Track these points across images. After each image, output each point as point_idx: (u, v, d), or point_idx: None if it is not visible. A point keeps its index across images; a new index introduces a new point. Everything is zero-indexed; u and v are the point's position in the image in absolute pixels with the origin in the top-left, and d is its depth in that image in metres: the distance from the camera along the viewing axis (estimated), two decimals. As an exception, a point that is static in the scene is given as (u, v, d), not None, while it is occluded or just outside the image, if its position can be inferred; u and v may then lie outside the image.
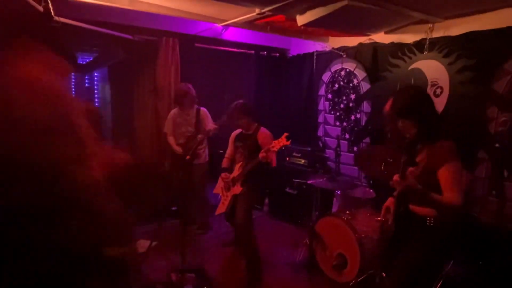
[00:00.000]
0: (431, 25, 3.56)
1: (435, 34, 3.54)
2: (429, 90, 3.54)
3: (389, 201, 2.22)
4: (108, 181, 0.98)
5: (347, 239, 2.78)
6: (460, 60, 3.29)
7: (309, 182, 3.24)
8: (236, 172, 3.22)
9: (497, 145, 1.66)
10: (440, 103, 3.42)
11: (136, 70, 4.70)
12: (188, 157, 3.17)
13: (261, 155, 2.98)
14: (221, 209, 3.30)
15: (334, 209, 3.66)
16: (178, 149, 4.01)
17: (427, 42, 3.57)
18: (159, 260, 3.33)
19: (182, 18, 3.90)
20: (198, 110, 4.06)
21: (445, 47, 3.40)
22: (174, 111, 4.14)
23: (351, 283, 2.79)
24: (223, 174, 3.37)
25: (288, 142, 2.94)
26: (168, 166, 4.37)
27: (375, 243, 2.68)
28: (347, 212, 3.04)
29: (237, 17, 3.62)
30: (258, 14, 3.29)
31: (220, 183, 3.42)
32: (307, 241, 3.27)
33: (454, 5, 3.14)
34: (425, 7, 3.20)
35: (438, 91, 3.48)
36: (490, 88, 3.04)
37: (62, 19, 3.01)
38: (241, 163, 3.24)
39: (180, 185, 3.91)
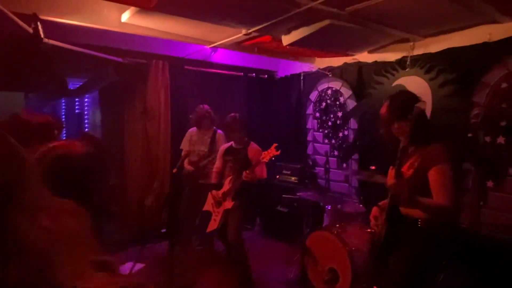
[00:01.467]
0: (412, 43, 3.71)
1: (416, 52, 3.68)
2: (413, 105, 3.63)
3: (375, 211, 2.23)
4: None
5: (338, 252, 2.76)
6: (441, 75, 3.41)
7: (298, 194, 3.24)
8: (226, 186, 3.21)
9: (470, 134, 1.69)
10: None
11: (127, 93, 4.75)
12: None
13: (244, 175, 2.99)
14: (213, 226, 3.26)
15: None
16: (189, 167, 4.05)
17: (409, 60, 3.70)
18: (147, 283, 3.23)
19: (172, 41, 4.01)
20: (215, 132, 4.12)
21: (426, 63, 3.53)
22: (192, 129, 4.22)
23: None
24: (213, 192, 3.35)
25: (278, 152, 2.97)
26: (157, 186, 4.35)
27: (366, 255, 2.66)
28: (337, 225, 3.03)
29: (225, 39, 3.73)
30: (244, 34, 3.40)
31: (210, 200, 3.39)
32: (299, 257, 3.23)
33: (432, 24, 3.29)
34: (406, 25, 3.34)
35: (422, 105, 3.56)
36: (471, 101, 3.14)
37: (51, 41, 3.06)
38: (230, 177, 3.24)
39: (185, 202, 4.00)
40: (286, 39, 3.43)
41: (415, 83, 3.61)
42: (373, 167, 2.99)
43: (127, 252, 3.72)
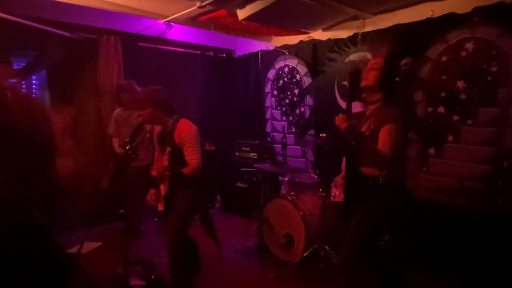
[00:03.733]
0: (362, 21, 3.85)
1: (366, 29, 3.83)
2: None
3: (337, 181, 2.39)
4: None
5: (293, 218, 2.88)
6: (389, 51, 3.57)
7: (256, 166, 3.30)
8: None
9: (397, 79, 1.83)
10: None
11: (76, 71, 4.53)
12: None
13: (152, 173, 2.54)
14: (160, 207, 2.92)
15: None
16: (121, 151, 3.72)
17: (360, 36, 3.85)
18: (105, 259, 3.19)
19: (124, 15, 3.86)
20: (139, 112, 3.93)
21: (375, 40, 3.69)
22: (117, 111, 3.97)
23: (298, 259, 2.89)
24: (151, 190, 2.75)
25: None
26: (112, 167, 4.23)
27: (318, 219, 2.79)
28: (292, 193, 3.14)
29: (179, 12, 3.65)
30: (199, 7, 3.36)
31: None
32: (256, 227, 3.33)
33: (381, 1, 3.44)
34: (356, 3, 3.46)
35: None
36: (415, 75, 3.34)
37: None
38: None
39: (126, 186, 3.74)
40: (241, 13, 3.43)
41: (365, 59, 3.76)
42: (323, 134, 3.12)
43: (84, 232, 3.64)
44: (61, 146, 1.23)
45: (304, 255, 2.82)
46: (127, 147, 2.02)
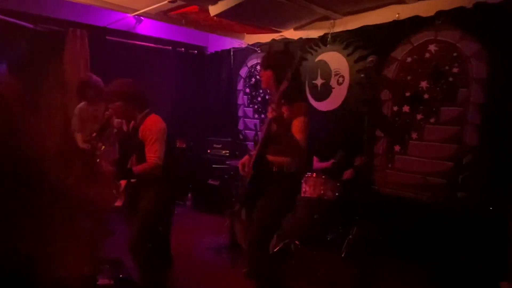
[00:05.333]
0: (333, 21, 3.94)
1: (336, 29, 3.92)
2: (333, 79, 3.89)
3: (245, 159, 2.46)
4: None
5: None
6: (357, 51, 3.69)
7: (227, 162, 3.30)
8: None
9: (362, 75, 1.90)
10: (342, 90, 3.79)
11: (40, 65, 4.32)
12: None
13: None
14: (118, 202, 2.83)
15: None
16: (85, 146, 3.66)
17: (330, 36, 3.93)
18: (71, 259, 3.08)
19: (91, 7, 3.74)
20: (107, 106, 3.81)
21: (344, 40, 3.78)
22: (80, 105, 3.75)
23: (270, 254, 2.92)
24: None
25: None
26: (79, 164, 4.07)
27: (288, 215, 2.83)
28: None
29: (150, 6, 3.59)
30: (170, 2, 3.31)
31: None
32: (228, 223, 3.33)
33: (350, 2, 3.53)
34: (327, 3, 3.53)
35: (341, 79, 3.84)
36: (382, 74, 3.46)
37: None
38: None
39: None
40: (213, 10, 3.41)
41: (335, 58, 3.86)
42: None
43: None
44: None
45: (275, 250, 2.86)
46: (94, 142, 1.96)
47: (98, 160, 2.34)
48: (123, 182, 2.45)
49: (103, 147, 2.16)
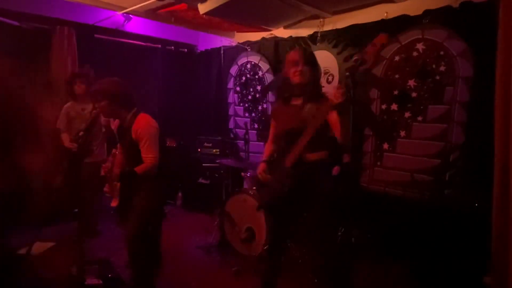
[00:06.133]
0: (322, 20, 3.95)
1: (326, 28, 3.94)
2: (323, 78, 3.90)
3: (262, 167, 2.38)
4: None
5: (254, 212, 2.90)
6: (346, 50, 3.71)
7: (218, 161, 3.29)
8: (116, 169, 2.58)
9: (347, 73, 1.91)
10: (332, 89, 3.80)
11: (26, 64, 4.26)
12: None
13: (102, 172, 2.49)
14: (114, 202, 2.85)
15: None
16: (72, 146, 3.53)
17: (319, 35, 3.95)
18: (59, 260, 3.05)
19: (79, 5, 3.69)
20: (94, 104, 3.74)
21: (333, 39, 3.80)
22: (68, 104, 3.75)
23: (259, 253, 2.93)
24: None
25: None
26: (65, 165, 4.02)
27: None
28: (254, 188, 3.18)
29: (138, 4, 3.55)
30: (158, 0, 3.28)
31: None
32: (218, 222, 3.33)
33: (339, 1, 3.55)
34: (316, 2, 3.54)
35: (330, 78, 3.86)
36: (370, 73, 3.49)
37: None
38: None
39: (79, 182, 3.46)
40: (202, 8, 3.40)
41: (324, 57, 3.87)
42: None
43: (37, 232, 3.45)
44: None
45: (265, 248, 2.87)
46: (80, 141, 1.94)
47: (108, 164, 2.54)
48: (118, 183, 2.45)
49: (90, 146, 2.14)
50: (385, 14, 3.42)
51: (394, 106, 3.36)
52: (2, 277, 2.59)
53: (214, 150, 4.62)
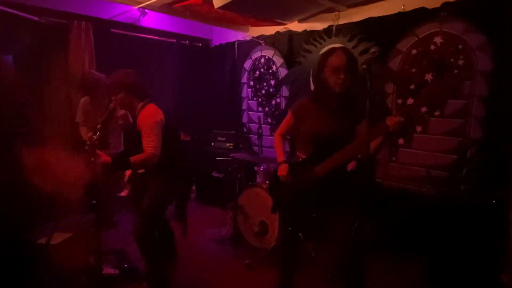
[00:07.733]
0: (337, 13, 3.91)
1: (341, 21, 3.90)
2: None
3: (284, 167, 2.28)
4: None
5: (267, 205, 2.91)
6: (361, 43, 3.66)
7: (231, 155, 3.32)
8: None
9: (364, 66, 1.88)
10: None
11: (45, 58, 4.35)
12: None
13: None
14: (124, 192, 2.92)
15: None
16: (89, 137, 3.65)
17: (334, 29, 3.91)
18: (77, 250, 3.14)
19: (96, 0, 3.75)
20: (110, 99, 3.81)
21: (348, 32, 3.75)
22: (84, 98, 3.82)
23: (272, 246, 2.95)
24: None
25: None
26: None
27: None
28: (267, 182, 3.19)
29: (153, -1, 3.59)
30: (173, -6, 3.30)
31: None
32: (231, 216, 3.36)
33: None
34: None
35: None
36: (387, 67, 3.44)
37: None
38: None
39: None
40: (217, 2, 3.40)
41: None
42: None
43: (54, 224, 3.55)
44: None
45: (277, 241, 2.89)
46: (98, 134, 1.97)
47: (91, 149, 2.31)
48: (128, 173, 2.49)
49: (95, 137, 2.18)
50: (402, 7, 3.37)
51: (410, 101, 3.32)
52: (23, 265, 2.69)
53: (227, 144, 4.65)
